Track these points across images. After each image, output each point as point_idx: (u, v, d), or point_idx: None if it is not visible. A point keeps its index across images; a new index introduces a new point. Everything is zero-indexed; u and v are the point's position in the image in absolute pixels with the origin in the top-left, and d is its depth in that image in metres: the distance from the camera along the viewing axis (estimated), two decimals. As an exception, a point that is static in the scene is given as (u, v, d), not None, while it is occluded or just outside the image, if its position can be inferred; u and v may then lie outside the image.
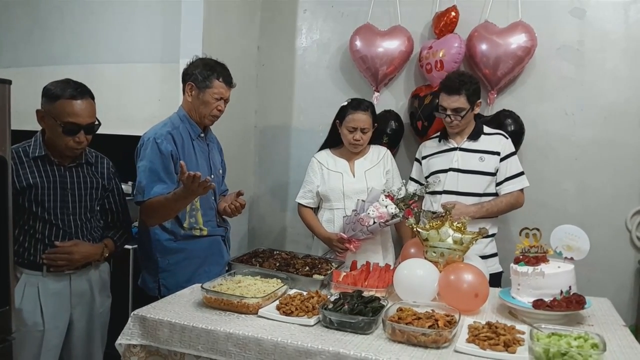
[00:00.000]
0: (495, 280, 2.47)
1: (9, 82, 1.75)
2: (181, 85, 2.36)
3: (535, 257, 1.88)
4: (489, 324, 1.67)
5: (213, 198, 2.40)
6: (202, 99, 2.28)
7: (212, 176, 2.38)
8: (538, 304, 1.78)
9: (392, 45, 3.10)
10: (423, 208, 2.54)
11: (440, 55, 2.94)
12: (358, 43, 3.16)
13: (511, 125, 2.89)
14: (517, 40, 2.86)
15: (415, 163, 2.81)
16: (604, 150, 2.95)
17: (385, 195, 2.48)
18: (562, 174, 3.03)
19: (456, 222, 2.05)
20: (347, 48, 3.27)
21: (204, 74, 2.26)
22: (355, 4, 3.35)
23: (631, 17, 2.88)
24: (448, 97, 2.50)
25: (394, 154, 2.95)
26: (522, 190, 2.59)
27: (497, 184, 2.58)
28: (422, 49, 3.10)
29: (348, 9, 3.39)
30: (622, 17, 2.89)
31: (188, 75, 2.30)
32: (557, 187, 3.03)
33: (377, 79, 3.19)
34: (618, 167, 2.93)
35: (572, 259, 1.92)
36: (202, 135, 2.38)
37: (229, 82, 2.32)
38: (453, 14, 3.00)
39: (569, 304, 1.77)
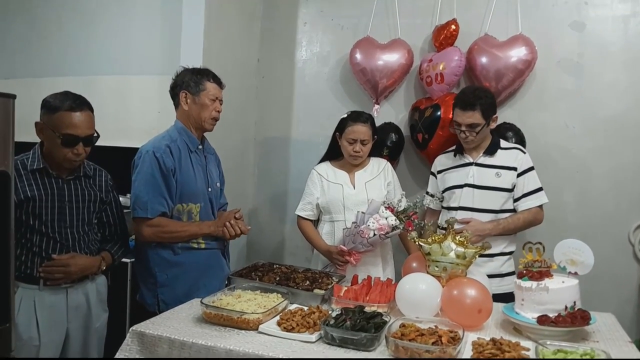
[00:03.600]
0: (512, 299, 2.41)
1: (14, 96, 1.70)
2: (174, 99, 2.37)
3: (539, 272, 1.85)
4: (493, 340, 1.65)
5: (211, 211, 2.38)
6: (199, 103, 2.29)
7: (209, 189, 2.36)
8: (543, 319, 1.75)
9: (392, 58, 3.10)
10: (438, 223, 2.50)
11: (441, 68, 2.93)
12: (358, 56, 3.16)
13: (512, 138, 2.88)
14: (517, 53, 2.86)
15: (431, 177, 2.76)
16: (604, 162, 2.95)
17: (386, 207, 2.46)
18: (563, 186, 3.01)
19: (458, 237, 2.03)
20: (347, 60, 3.27)
21: (194, 79, 2.30)
22: (355, 17, 3.36)
23: (630, 29, 2.89)
24: (462, 112, 2.45)
25: (394, 166, 2.94)
26: (541, 206, 2.51)
27: (515, 200, 2.50)
28: (422, 61, 3.11)
29: (348, 22, 3.39)
30: (622, 29, 2.91)
31: (179, 86, 2.32)
32: (558, 199, 3.01)
33: (377, 92, 3.18)
34: (619, 180, 2.92)
35: (576, 273, 1.90)
36: (200, 147, 2.37)
37: (219, 82, 2.36)
38: (453, 27, 3.00)
39: (574, 320, 1.74)
